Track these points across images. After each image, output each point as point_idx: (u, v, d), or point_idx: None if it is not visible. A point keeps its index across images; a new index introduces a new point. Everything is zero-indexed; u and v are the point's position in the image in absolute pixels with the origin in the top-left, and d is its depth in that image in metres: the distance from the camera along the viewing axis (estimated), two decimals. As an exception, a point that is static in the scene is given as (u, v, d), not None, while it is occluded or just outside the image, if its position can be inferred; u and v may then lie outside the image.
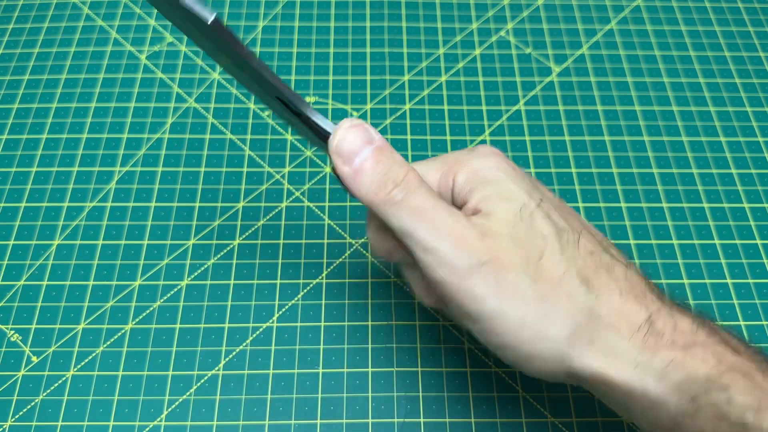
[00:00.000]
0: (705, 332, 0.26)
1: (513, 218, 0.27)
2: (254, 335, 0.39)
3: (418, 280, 0.31)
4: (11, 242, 0.42)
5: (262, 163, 0.45)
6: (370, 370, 0.38)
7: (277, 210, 0.43)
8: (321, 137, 0.28)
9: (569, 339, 0.26)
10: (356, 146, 0.27)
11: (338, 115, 0.48)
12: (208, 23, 0.25)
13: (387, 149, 0.27)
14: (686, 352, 0.25)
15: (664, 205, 0.44)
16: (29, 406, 0.36)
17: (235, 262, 0.41)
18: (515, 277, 0.26)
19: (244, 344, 0.38)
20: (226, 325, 0.39)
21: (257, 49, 0.51)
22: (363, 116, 0.48)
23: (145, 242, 0.42)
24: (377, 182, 0.26)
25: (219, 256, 0.41)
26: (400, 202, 0.26)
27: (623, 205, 0.44)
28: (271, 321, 0.39)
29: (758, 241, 0.42)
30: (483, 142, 0.46)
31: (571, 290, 0.26)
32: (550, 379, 0.28)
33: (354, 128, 0.27)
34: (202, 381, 0.37)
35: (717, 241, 0.42)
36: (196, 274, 0.41)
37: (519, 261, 0.26)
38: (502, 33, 0.52)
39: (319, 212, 0.43)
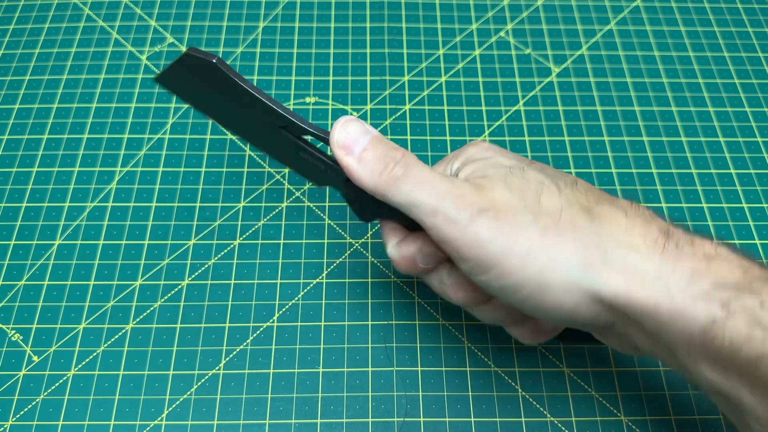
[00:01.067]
0: (726, 249, 0.25)
1: (504, 174, 0.29)
2: (255, 335, 0.39)
3: (447, 278, 0.32)
4: (12, 242, 0.42)
5: (262, 163, 0.45)
6: (370, 369, 0.38)
7: (277, 210, 0.43)
8: (323, 140, 0.31)
9: (582, 265, 0.26)
10: (355, 136, 0.30)
11: (338, 116, 0.48)
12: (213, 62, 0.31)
13: (382, 137, 0.30)
14: (710, 263, 0.24)
15: (663, 205, 0.44)
16: (30, 406, 0.36)
17: (235, 261, 0.41)
18: (515, 216, 0.27)
19: (245, 344, 0.38)
20: (227, 325, 0.39)
21: (257, 50, 0.51)
22: (363, 116, 0.48)
23: (146, 242, 0.42)
24: (379, 164, 0.29)
25: (219, 255, 0.41)
26: (401, 176, 0.28)
27: (622, 205, 0.44)
28: (271, 321, 0.39)
29: (757, 241, 0.43)
30: (483, 142, 0.47)
31: (575, 219, 0.27)
32: (573, 320, 0.27)
33: (350, 122, 0.30)
34: (203, 380, 0.37)
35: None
36: (196, 273, 0.41)
37: (517, 203, 0.27)
38: (502, 33, 0.53)
39: (319, 212, 0.43)
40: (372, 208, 0.32)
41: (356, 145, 0.29)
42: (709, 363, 0.24)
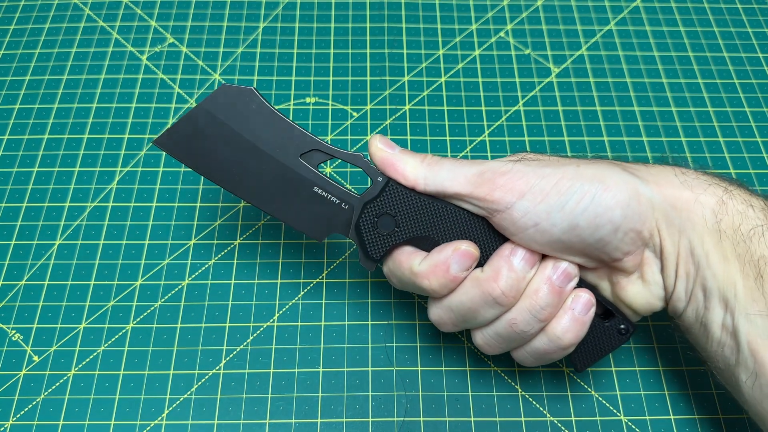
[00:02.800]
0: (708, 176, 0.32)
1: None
2: (255, 334, 0.39)
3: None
4: (13, 242, 0.42)
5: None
6: (370, 369, 0.38)
7: (277, 210, 0.43)
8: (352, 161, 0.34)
9: (622, 169, 0.31)
10: (390, 142, 0.34)
11: (338, 116, 0.48)
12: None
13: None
14: (709, 176, 0.32)
15: (663, 205, 0.44)
16: (30, 406, 0.36)
17: (235, 261, 0.41)
18: (542, 162, 0.32)
19: (245, 343, 0.38)
20: (227, 325, 0.39)
21: (257, 50, 0.51)
22: (363, 116, 0.48)
23: (146, 242, 0.42)
24: (417, 156, 0.33)
25: (220, 255, 0.41)
26: (441, 159, 0.33)
27: (622, 205, 0.44)
28: (271, 320, 0.39)
29: (757, 241, 0.43)
30: (482, 142, 0.47)
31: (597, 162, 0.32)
32: (630, 227, 0.30)
33: (381, 137, 0.34)
34: (203, 380, 0.37)
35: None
36: (197, 273, 0.41)
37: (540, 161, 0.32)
38: (502, 34, 0.53)
39: (319, 212, 0.43)
40: (388, 226, 0.33)
41: (393, 149, 0.33)
42: (717, 252, 0.30)
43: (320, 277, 0.41)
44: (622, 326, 0.33)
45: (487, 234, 0.33)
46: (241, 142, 0.34)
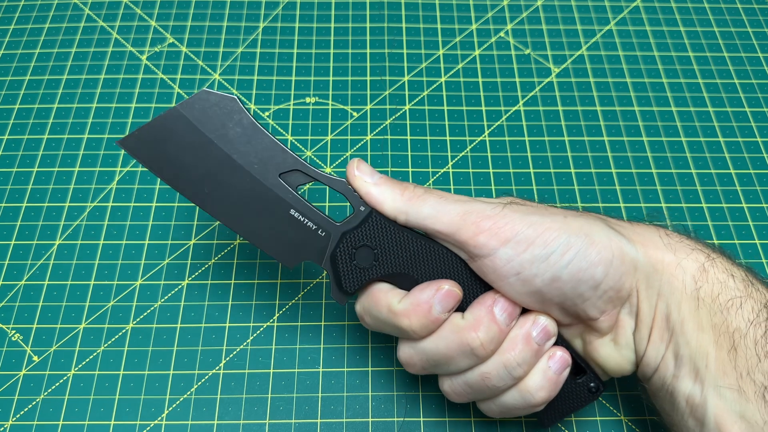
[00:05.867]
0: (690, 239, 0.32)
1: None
2: (255, 334, 0.39)
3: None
4: (12, 242, 0.42)
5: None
6: (370, 369, 0.38)
7: (277, 210, 0.43)
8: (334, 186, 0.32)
9: (608, 227, 0.30)
10: (368, 171, 0.32)
11: (338, 116, 0.48)
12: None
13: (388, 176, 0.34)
14: (693, 242, 0.31)
15: (663, 205, 0.44)
16: (30, 406, 0.36)
17: (235, 261, 0.41)
18: (529, 209, 0.31)
19: (245, 343, 0.38)
20: (227, 325, 0.39)
21: (257, 50, 0.51)
22: (363, 116, 0.48)
23: (146, 242, 0.42)
24: (397, 187, 0.32)
25: (220, 255, 0.41)
26: (424, 194, 0.31)
27: (622, 205, 0.44)
28: (271, 320, 0.39)
29: (757, 241, 0.43)
30: (482, 142, 0.47)
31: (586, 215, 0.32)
32: (610, 285, 0.30)
33: (361, 162, 0.33)
34: (203, 380, 0.37)
35: (716, 241, 0.42)
36: (197, 273, 0.41)
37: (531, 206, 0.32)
38: (502, 34, 0.53)
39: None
40: (366, 260, 0.31)
41: (373, 174, 0.32)
42: (693, 319, 0.29)
43: (320, 277, 0.41)
44: (592, 384, 0.32)
45: (469, 276, 0.31)
46: (215, 152, 0.32)
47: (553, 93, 0.49)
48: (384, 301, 0.31)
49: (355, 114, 0.48)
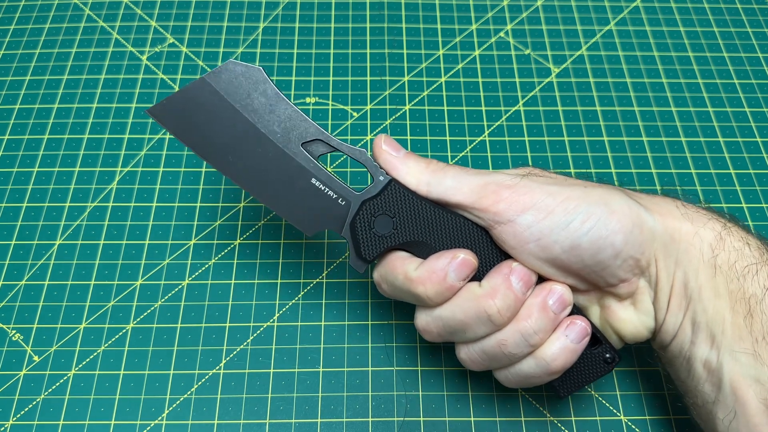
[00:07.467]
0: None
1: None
2: (255, 334, 0.39)
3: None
4: (13, 242, 0.42)
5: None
6: (370, 369, 0.38)
7: (277, 210, 0.43)
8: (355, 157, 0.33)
9: (627, 196, 0.31)
10: (396, 144, 0.34)
11: (338, 116, 0.48)
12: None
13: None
14: (709, 212, 0.32)
15: (663, 205, 0.44)
16: (31, 405, 0.36)
17: (236, 261, 0.41)
18: (548, 180, 0.32)
19: (245, 343, 0.38)
20: (227, 325, 0.39)
21: (257, 50, 0.51)
22: (363, 117, 0.48)
23: (147, 242, 0.42)
24: (421, 161, 0.33)
25: (220, 255, 0.41)
26: (446, 167, 0.32)
27: (622, 205, 0.44)
28: (271, 320, 0.39)
29: (756, 241, 0.43)
30: (482, 142, 0.47)
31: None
32: (629, 253, 0.30)
33: (387, 137, 0.34)
34: (203, 380, 0.37)
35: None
36: (197, 273, 0.41)
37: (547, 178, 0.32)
38: (502, 34, 0.53)
39: (319, 212, 0.43)
40: (385, 227, 0.32)
41: (397, 152, 0.33)
42: (710, 286, 0.30)
43: (320, 277, 0.41)
44: (608, 355, 0.32)
45: (487, 246, 0.32)
46: (241, 121, 0.33)
47: (553, 93, 0.49)
48: (401, 268, 0.32)
49: (355, 114, 0.48)
